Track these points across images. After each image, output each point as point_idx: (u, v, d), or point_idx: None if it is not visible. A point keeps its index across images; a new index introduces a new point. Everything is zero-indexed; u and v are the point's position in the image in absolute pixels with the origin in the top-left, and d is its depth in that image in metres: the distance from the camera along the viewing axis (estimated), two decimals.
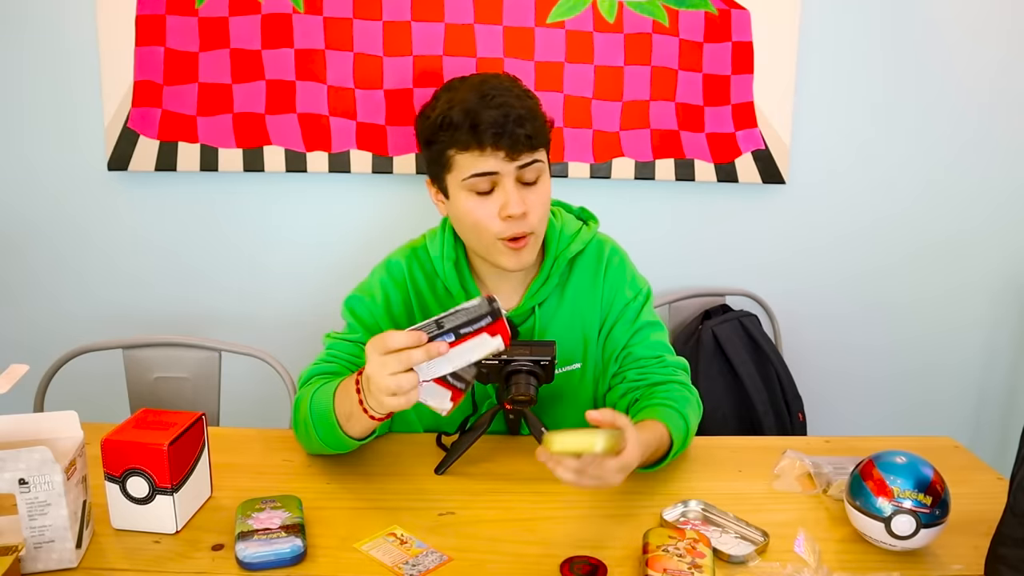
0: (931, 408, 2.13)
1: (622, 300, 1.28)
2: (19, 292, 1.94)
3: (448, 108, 1.12)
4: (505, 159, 1.11)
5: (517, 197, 1.12)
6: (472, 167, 1.12)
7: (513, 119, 1.09)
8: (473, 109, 1.10)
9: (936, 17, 1.89)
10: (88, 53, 1.79)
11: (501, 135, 1.09)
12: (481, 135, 1.09)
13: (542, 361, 1.09)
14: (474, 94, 1.12)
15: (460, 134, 1.11)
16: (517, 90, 1.15)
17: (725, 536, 0.99)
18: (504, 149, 1.10)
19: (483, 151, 1.11)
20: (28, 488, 0.87)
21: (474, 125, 1.09)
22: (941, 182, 1.99)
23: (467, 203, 1.15)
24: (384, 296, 1.25)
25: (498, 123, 1.09)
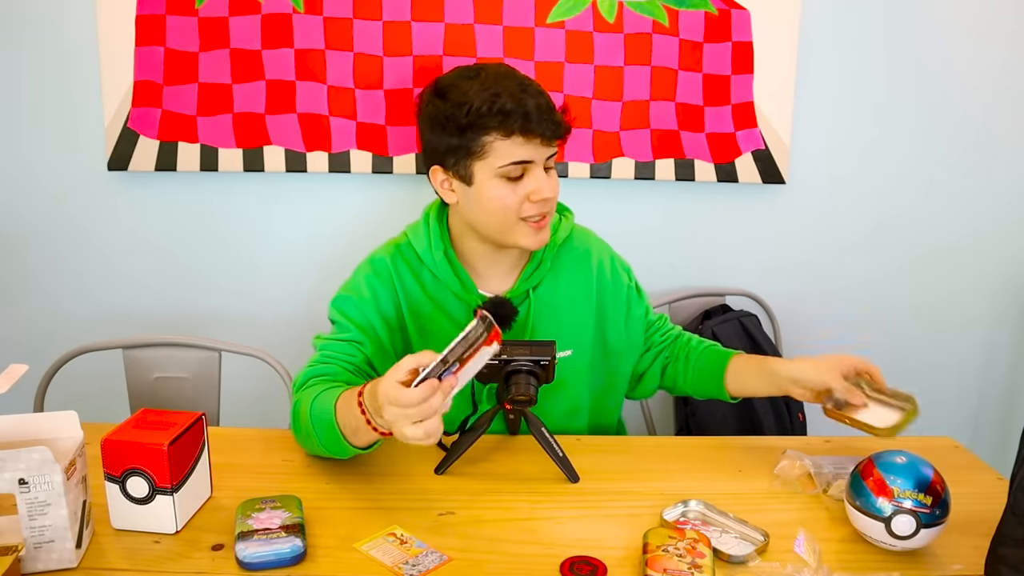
0: (931, 408, 2.11)
1: (622, 286, 1.36)
2: (19, 292, 1.94)
3: (492, 96, 1.15)
4: (541, 146, 1.17)
5: (546, 181, 1.19)
6: (512, 155, 1.17)
7: (546, 108, 1.17)
8: (521, 98, 1.15)
9: (937, 17, 1.89)
10: (88, 53, 1.79)
11: (547, 123, 1.16)
12: (531, 123, 1.15)
13: (542, 361, 1.09)
14: (511, 84, 1.17)
15: (511, 121, 1.15)
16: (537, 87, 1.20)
17: (725, 536, 0.99)
18: (546, 137, 1.17)
19: (527, 138, 1.16)
20: (28, 488, 0.87)
21: (526, 114, 1.14)
22: (942, 182, 1.99)
23: (497, 189, 1.18)
24: (372, 293, 1.26)
25: (544, 111, 1.16)
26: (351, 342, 1.23)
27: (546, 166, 1.20)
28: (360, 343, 1.23)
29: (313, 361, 1.22)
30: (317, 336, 1.28)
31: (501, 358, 1.09)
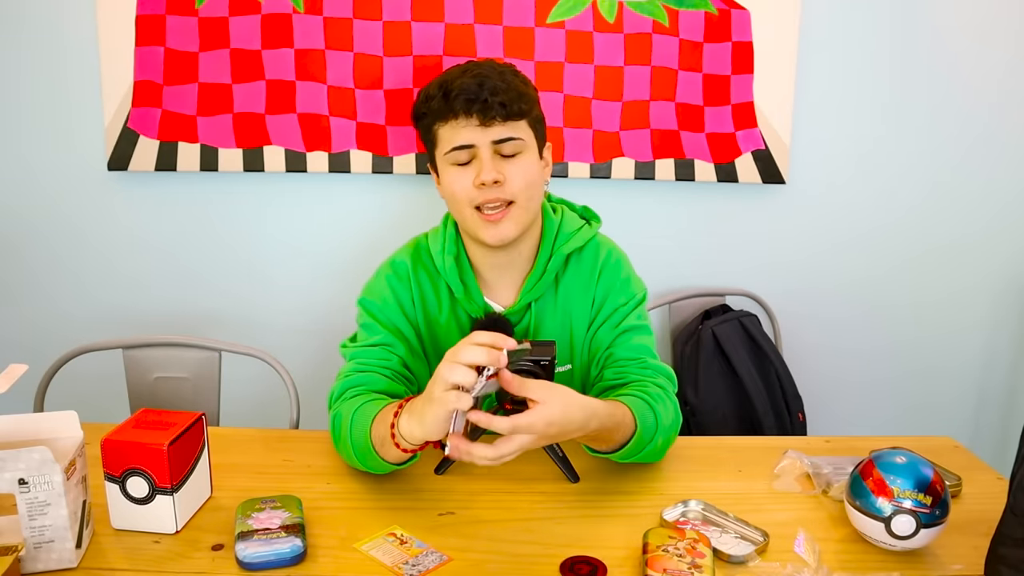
0: (931, 410, 2.13)
1: (612, 304, 1.25)
2: (19, 292, 1.94)
3: (440, 83, 1.17)
4: (479, 127, 1.14)
5: (491, 165, 1.15)
6: (451, 139, 1.16)
7: (488, 88, 1.12)
8: (448, 79, 1.15)
9: (938, 16, 1.89)
10: (88, 53, 1.79)
11: (473, 101, 1.13)
12: (453, 101, 1.13)
13: (542, 361, 1.08)
14: (457, 70, 1.17)
15: (434, 102, 1.16)
16: (503, 68, 1.18)
17: (725, 536, 0.99)
18: (476, 116, 1.13)
19: (457, 118, 1.14)
20: (28, 488, 0.87)
21: (446, 93, 1.14)
22: (943, 183, 1.99)
23: (449, 175, 1.18)
24: (393, 295, 1.24)
25: (470, 90, 1.13)
26: (382, 346, 1.21)
27: (504, 153, 1.16)
28: (391, 346, 1.21)
29: (349, 371, 1.19)
30: (343, 344, 1.25)
31: None
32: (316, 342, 1.95)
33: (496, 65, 1.18)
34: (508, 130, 1.15)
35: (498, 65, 1.18)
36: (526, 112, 1.17)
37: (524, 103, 1.16)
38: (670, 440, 1.16)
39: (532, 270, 1.24)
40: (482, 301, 1.24)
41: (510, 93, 1.14)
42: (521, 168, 1.17)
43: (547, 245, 1.24)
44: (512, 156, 1.17)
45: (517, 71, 1.20)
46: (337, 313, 1.35)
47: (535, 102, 1.21)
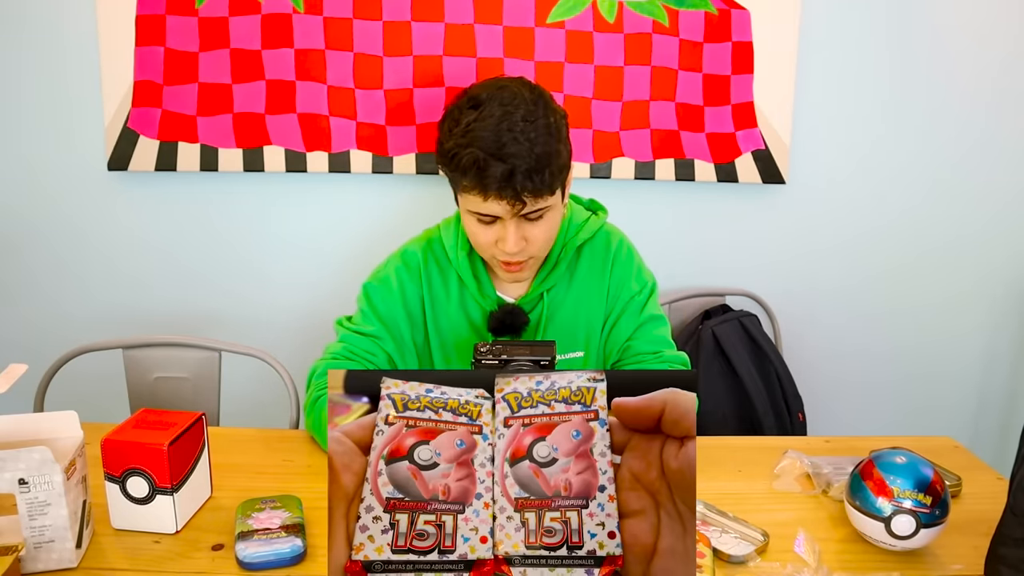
0: (931, 409, 2.13)
1: (628, 293, 1.29)
2: (19, 292, 1.94)
3: (462, 146, 1.09)
4: (508, 207, 1.10)
5: (516, 236, 1.12)
6: (476, 206, 1.13)
7: (521, 172, 1.07)
8: (482, 158, 1.07)
9: (937, 17, 1.89)
10: (88, 53, 1.79)
11: (504, 189, 1.08)
12: (486, 187, 1.08)
13: (542, 361, 1.09)
14: (491, 136, 1.08)
15: (467, 179, 1.10)
16: (536, 131, 1.09)
17: (725, 536, 0.99)
18: (507, 200, 1.09)
19: (487, 198, 1.10)
20: (28, 488, 0.87)
21: (480, 176, 1.08)
22: (942, 182, 1.99)
23: (470, 225, 1.17)
24: (399, 286, 1.26)
25: (504, 177, 1.07)
26: (372, 338, 1.24)
27: (530, 216, 1.13)
28: (381, 339, 1.25)
29: (335, 353, 1.23)
30: (339, 321, 1.29)
31: (501, 358, 1.09)
32: (316, 342, 1.94)
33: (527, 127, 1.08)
34: (537, 204, 1.12)
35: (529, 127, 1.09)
36: (557, 185, 1.13)
37: (557, 178, 1.11)
38: None
39: (545, 262, 1.27)
40: (494, 294, 1.26)
41: (544, 175, 1.08)
42: (545, 228, 1.15)
43: (560, 239, 1.26)
44: (539, 218, 1.14)
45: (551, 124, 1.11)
46: (337, 312, 1.35)
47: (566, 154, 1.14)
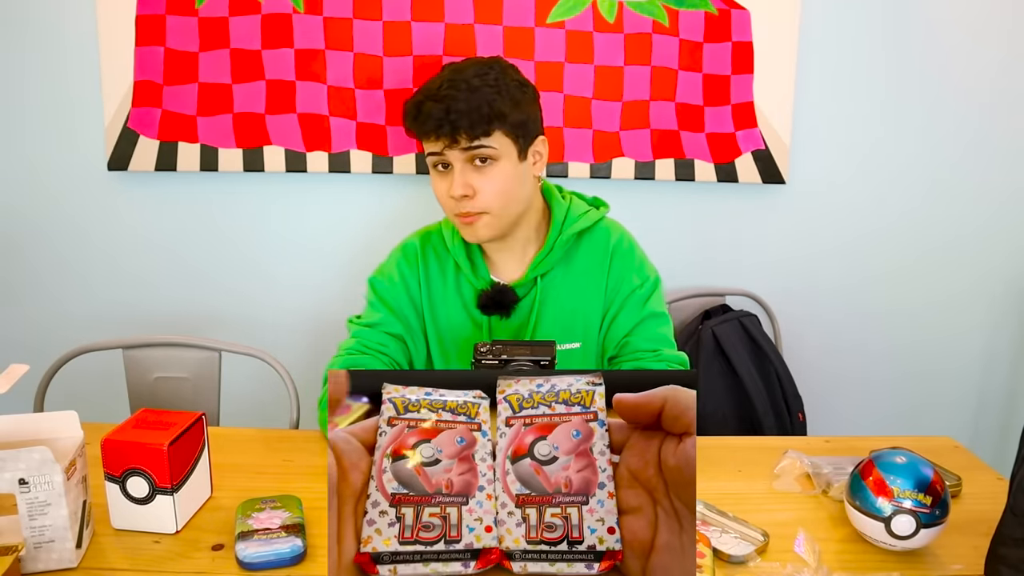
0: (931, 410, 2.13)
1: (628, 287, 1.30)
2: (19, 292, 1.94)
3: (420, 91, 1.21)
4: (446, 145, 1.18)
5: (461, 180, 1.19)
6: (426, 147, 1.22)
7: (454, 112, 1.15)
8: (422, 100, 1.19)
9: (937, 17, 1.89)
10: (88, 53, 1.79)
11: (440, 126, 1.16)
12: (422, 125, 1.18)
13: (542, 361, 1.09)
14: (435, 84, 1.19)
15: (411, 123, 1.21)
16: (480, 82, 1.18)
17: (725, 536, 0.99)
18: (443, 138, 1.17)
19: (427, 138, 1.20)
20: (28, 488, 0.87)
21: (418, 112, 1.19)
22: (942, 182, 1.99)
23: (432, 179, 1.24)
24: (401, 277, 1.31)
25: (435, 116, 1.16)
26: (382, 328, 1.28)
27: (475, 163, 1.19)
28: (389, 326, 1.28)
29: (348, 349, 1.26)
30: (350, 320, 1.33)
31: (501, 358, 1.09)
32: (316, 342, 1.95)
33: (472, 78, 1.18)
34: (475, 143, 1.18)
35: (475, 78, 1.18)
36: (496, 128, 1.18)
37: (492, 122, 1.17)
38: None
39: (541, 247, 1.29)
40: (488, 276, 1.29)
41: (475, 115, 1.16)
42: (493, 178, 1.20)
43: (556, 226, 1.29)
44: (485, 165, 1.20)
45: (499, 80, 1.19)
46: (337, 313, 1.36)
47: (513, 109, 1.19)
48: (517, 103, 1.20)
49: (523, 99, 1.22)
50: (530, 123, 1.23)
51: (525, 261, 1.30)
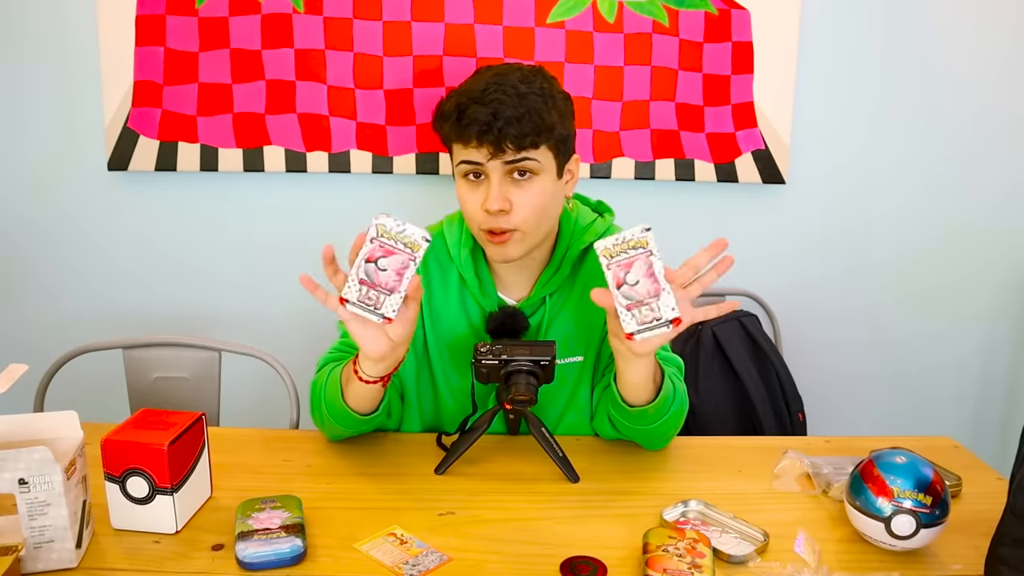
0: (931, 408, 2.13)
1: None
2: (19, 292, 1.94)
3: (450, 98, 1.15)
4: (490, 155, 1.12)
5: (499, 193, 1.12)
6: (461, 154, 1.15)
7: (502, 119, 1.09)
8: (465, 102, 1.11)
9: (936, 16, 1.89)
10: (88, 53, 1.79)
11: (485, 132, 1.10)
12: (465, 129, 1.11)
13: (542, 361, 1.09)
14: (478, 87, 1.12)
15: (450, 125, 1.14)
16: (526, 89, 1.12)
17: (725, 536, 0.99)
18: (488, 147, 1.11)
19: (468, 143, 1.13)
20: (28, 488, 0.87)
21: (460, 118, 1.12)
22: (941, 181, 1.99)
23: (461, 188, 1.18)
24: None
25: (482, 120, 1.09)
26: None
27: (514, 175, 1.13)
28: None
29: (336, 347, 1.27)
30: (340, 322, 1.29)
31: (501, 358, 1.09)
32: (316, 342, 1.94)
33: (518, 84, 1.12)
34: (519, 155, 1.12)
35: (521, 84, 1.12)
36: (543, 141, 1.13)
37: (541, 134, 1.12)
38: (680, 416, 1.16)
39: (548, 265, 1.25)
40: (495, 295, 1.25)
41: (525, 124, 1.10)
42: (530, 194, 1.14)
43: (564, 241, 1.25)
44: (524, 179, 1.14)
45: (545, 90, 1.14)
46: None
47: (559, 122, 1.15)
48: (563, 116, 1.16)
49: (567, 113, 1.18)
50: (570, 139, 1.19)
51: (531, 277, 1.26)
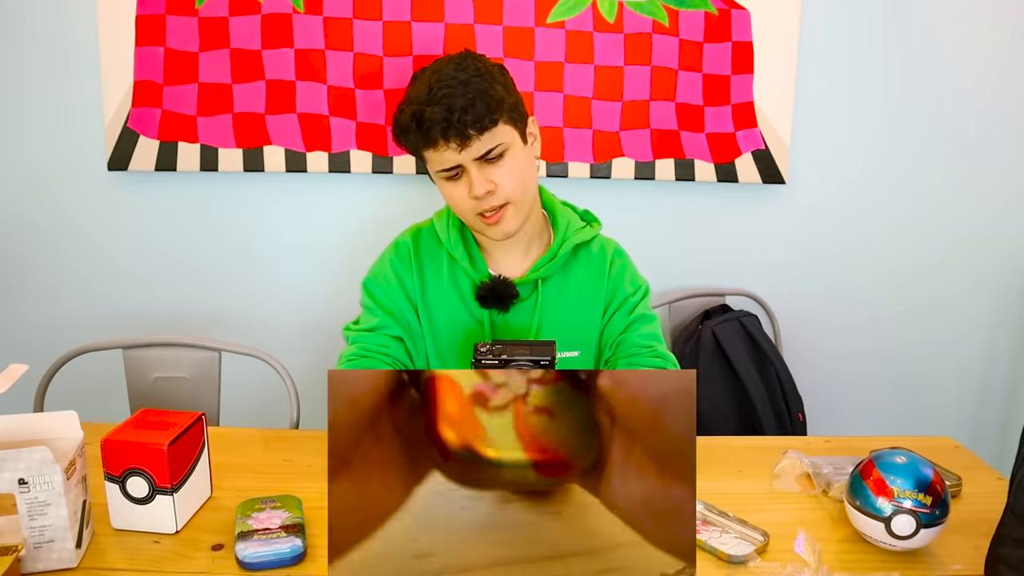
0: (931, 409, 2.13)
1: (623, 295, 1.33)
2: (19, 292, 1.94)
3: (402, 111, 1.18)
4: (459, 150, 1.15)
5: (480, 178, 1.17)
6: (439, 162, 1.19)
7: (458, 110, 1.12)
8: (418, 110, 1.15)
9: (937, 17, 1.89)
10: (88, 53, 1.79)
11: (447, 128, 1.13)
12: (428, 133, 1.14)
13: (542, 361, 1.09)
14: (422, 90, 1.16)
15: (412, 136, 1.17)
16: (465, 75, 1.16)
17: (725, 536, 0.99)
18: (455, 141, 1.14)
19: (437, 147, 1.16)
20: (28, 488, 0.87)
21: (419, 124, 1.14)
22: (941, 181, 1.99)
23: (444, 188, 1.22)
24: (396, 276, 1.30)
25: (441, 119, 1.13)
26: (381, 330, 1.27)
27: (488, 158, 1.17)
28: (388, 328, 1.27)
29: (351, 355, 1.25)
30: (346, 327, 1.31)
31: (501, 358, 1.09)
32: (316, 342, 1.95)
33: (456, 73, 1.16)
34: (488, 141, 1.16)
35: (459, 72, 1.17)
36: (500, 117, 1.17)
37: (496, 110, 1.16)
38: None
39: (544, 252, 1.30)
40: (486, 269, 1.29)
41: (479, 107, 1.14)
42: (509, 168, 1.19)
43: (559, 233, 1.30)
44: (499, 158, 1.19)
45: (481, 69, 1.18)
46: (337, 313, 1.36)
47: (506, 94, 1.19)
48: (506, 87, 1.21)
49: (508, 83, 1.23)
50: (520, 104, 1.24)
51: (526, 261, 1.30)
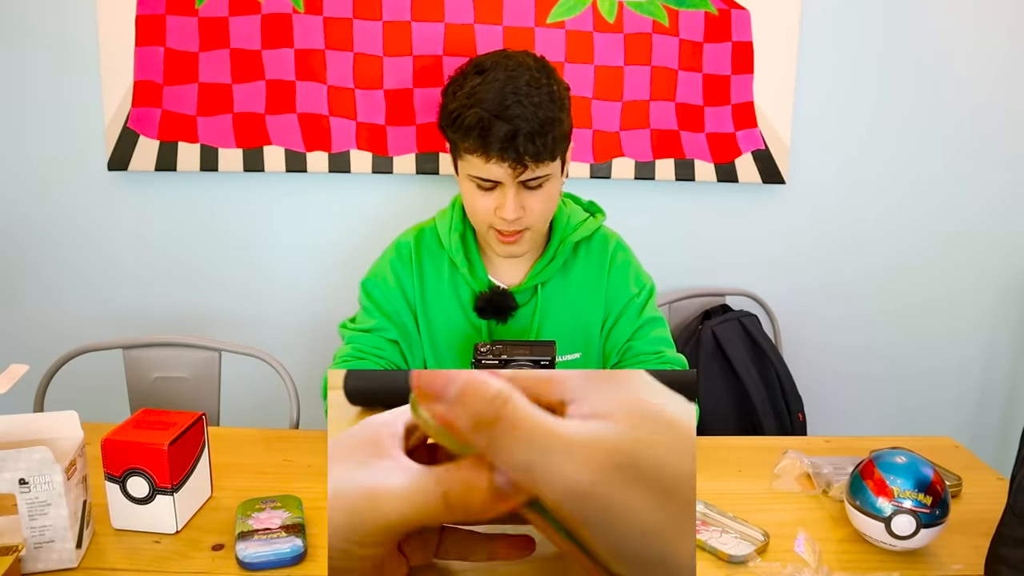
0: (932, 409, 2.13)
1: (626, 295, 1.30)
2: (19, 292, 1.94)
3: (466, 107, 1.11)
4: (508, 170, 1.12)
5: (514, 203, 1.13)
6: (477, 170, 1.14)
7: (524, 134, 1.08)
8: (486, 118, 1.09)
9: (937, 17, 1.89)
10: (88, 53, 1.79)
11: (507, 150, 1.09)
12: (488, 146, 1.10)
13: (542, 361, 1.09)
14: (495, 97, 1.09)
15: (470, 140, 1.11)
16: (540, 96, 1.12)
17: (725, 536, 0.99)
18: (509, 162, 1.10)
19: (489, 159, 1.11)
20: (28, 488, 0.87)
21: (483, 135, 1.09)
22: (941, 182, 1.99)
23: (469, 193, 1.18)
24: (396, 277, 1.28)
25: (507, 138, 1.08)
26: (377, 332, 1.26)
27: (529, 184, 1.14)
28: (386, 331, 1.26)
29: (345, 356, 1.24)
30: (343, 324, 1.30)
31: (501, 358, 1.09)
32: (316, 342, 1.95)
33: (532, 92, 1.11)
34: (538, 171, 1.13)
35: (535, 92, 1.11)
36: (559, 152, 1.14)
37: (557, 146, 1.12)
38: None
39: (542, 256, 1.27)
40: (486, 277, 1.27)
41: (546, 138, 1.10)
42: (544, 197, 1.16)
43: (557, 233, 1.27)
44: (539, 187, 1.15)
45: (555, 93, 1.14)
46: (337, 312, 1.36)
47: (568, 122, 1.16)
48: (568, 114, 1.17)
49: (568, 106, 1.18)
50: (570, 136, 1.20)
51: (525, 266, 1.29)
